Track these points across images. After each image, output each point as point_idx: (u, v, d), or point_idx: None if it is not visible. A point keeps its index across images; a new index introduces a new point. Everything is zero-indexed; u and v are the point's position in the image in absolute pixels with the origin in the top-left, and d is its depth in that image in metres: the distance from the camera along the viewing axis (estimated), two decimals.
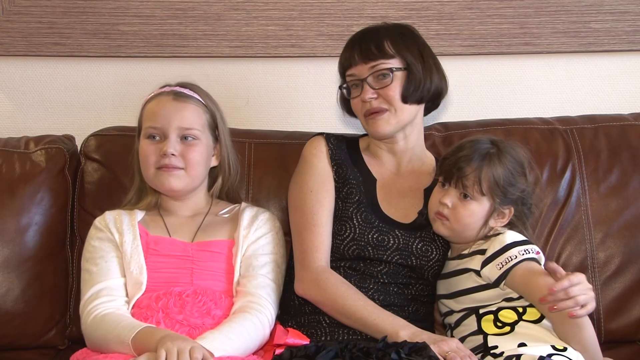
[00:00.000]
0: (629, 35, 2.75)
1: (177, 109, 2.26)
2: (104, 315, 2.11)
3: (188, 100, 2.28)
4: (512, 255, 2.12)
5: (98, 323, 2.10)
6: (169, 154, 2.23)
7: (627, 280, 2.49)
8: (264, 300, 2.18)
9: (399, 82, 2.25)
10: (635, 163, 2.54)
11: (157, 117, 2.25)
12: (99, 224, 2.29)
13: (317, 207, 2.27)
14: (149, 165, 2.26)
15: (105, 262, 2.21)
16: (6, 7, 2.69)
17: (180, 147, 2.24)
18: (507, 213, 2.20)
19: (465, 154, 2.18)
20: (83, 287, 2.21)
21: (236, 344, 2.06)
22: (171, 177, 2.25)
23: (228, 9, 2.71)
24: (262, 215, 2.33)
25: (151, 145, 2.25)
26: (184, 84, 2.33)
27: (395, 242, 2.24)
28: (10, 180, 2.46)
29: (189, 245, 2.26)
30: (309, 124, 2.71)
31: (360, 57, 2.25)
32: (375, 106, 2.25)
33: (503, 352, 2.06)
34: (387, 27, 2.31)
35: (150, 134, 2.26)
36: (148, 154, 2.25)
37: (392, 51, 2.25)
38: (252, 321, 2.12)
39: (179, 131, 2.25)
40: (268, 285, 2.22)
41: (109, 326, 2.08)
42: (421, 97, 2.29)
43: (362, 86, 2.26)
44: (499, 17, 2.73)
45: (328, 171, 2.32)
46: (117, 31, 2.71)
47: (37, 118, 2.76)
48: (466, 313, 2.17)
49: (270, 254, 2.27)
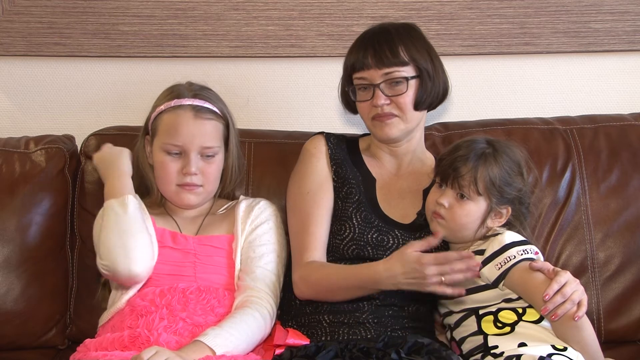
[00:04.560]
0: (629, 35, 2.75)
1: (198, 127, 2.27)
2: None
3: (208, 116, 2.29)
4: (511, 255, 2.12)
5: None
6: (192, 174, 2.25)
7: (627, 280, 2.49)
8: (263, 293, 2.19)
9: (412, 90, 2.24)
10: (635, 163, 2.54)
11: (178, 135, 2.25)
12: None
13: (313, 209, 2.26)
14: (169, 181, 2.28)
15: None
16: (6, 7, 2.69)
17: (200, 164, 2.27)
18: (505, 213, 2.20)
19: (461, 154, 2.18)
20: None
21: (238, 339, 2.07)
22: (191, 195, 2.29)
23: (228, 9, 2.71)
24: (257, 205, 2.34)
25: (172, 162, 2.27)
26: (199, 91, 2.33)
27: (394, 242, 2.24)
28: (10, 180, 2.45)
29: (191, 238, 2.27)
30: (309, 124, 2.71)
31: (375, 62, 2.22)
32: (387, 112, 2.24)
33: (503, 352, 2.06)
34: (397, 28, 2.28)
35: (171, 151, 2.26)
36: (169, 171, 2.27)
37: (406, 58, 2.23)
38: (254, 316, 2.13)
39: (200, 150, 2.27)
40: (267, 276, 2.23)
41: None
42: (431, 103, 2.29)
43: (374, 91, 2.23)
44: (499, 17, 2.73)
45: (327, 171, 2.32)
46: (117, 31, 2.71)
47: (37, 118, 2.76)
48: (466, 314, 2.17)
49: (268, 244, 2.28)
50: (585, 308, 2.04)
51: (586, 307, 2.04)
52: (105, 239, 2.17)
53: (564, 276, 2.04)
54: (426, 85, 2.24)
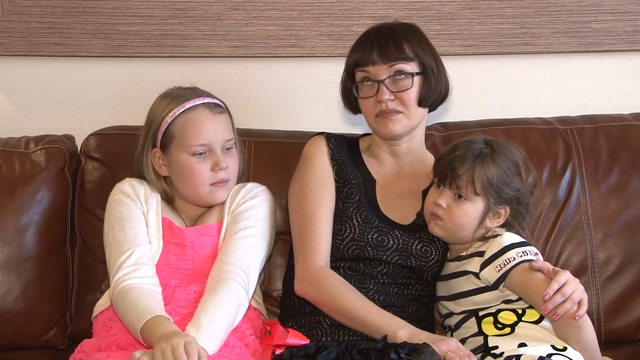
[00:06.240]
0: (629, 35, 2.74)
1: (218, 122, 2.28)
2: (127, 290, 2.12)
3: (219, 110, 2.31)
4: (511, 257, 2.12)
5: (121, 299, 2.12)
6: (224, 168, 2.25)
7: (627, 280, 2.49)
8: (234, 266, 2.16)
9: (417, 87, 2.24)
10: (635, 163, 2.54)
11: (202, 134, 2.25)
12: (127, 189, 2.29)
13: (317, 207, 2.27)
14: (202, 182, 2.27)
15: (134, 228, 2.22)
16: (6, 7, 2.69)
17: (224, 158, 2.27)
18: (503, 213, 2.19)
19: (458, 154, 2.18)
20: (110, 257, 2.21)
21: (218, 325, 2.06)
22: (222, 191, 2.29)
23: (228, 9, 2.71)
24: (245, 188, 2.34)
25: (200, 163, 2.26)
26: (198, 91, 2.33)
27: (394, 242, 2.24)
28: (10, 180, 2.46)
29: (186, 230, 2.28)
30: (309, 124, 2.71)
31: (380, 56, 2.22)
32: (391, 108, 2.23)
33: (503, 353, 2.06)
34: (401, 26, 2.29)
35: (198, 152, 2.25)
36: (202, 172, 2.26)
37: (411, 54, 2.23)
38: (226, 293, 2.11)
39: (222, 144, 2.27)
40: (239, 248, 2.20)
41: (128, 305, 2.09)
42: (434, 101, 2.29)
43: (378, 87, 2.23)
44: (499, 17, 2.73)
45: (328, 171, 2.32)
46: (117, 31, 2.71)
47: (37, 118, 2.76)
48: (466, 315, 2.17)
49: (249, 219, 2.27)
50: (586, 307, 2.04)
51: (587, 306, 2.04)
52: (120, 316, 2.15)
53: (563, 276, 2.04)
54: (430, 82, 2.24)
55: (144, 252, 2.19)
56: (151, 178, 2.31)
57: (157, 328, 2.01)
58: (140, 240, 2.21)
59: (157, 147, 2.30)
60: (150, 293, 2.12)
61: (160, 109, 2.29)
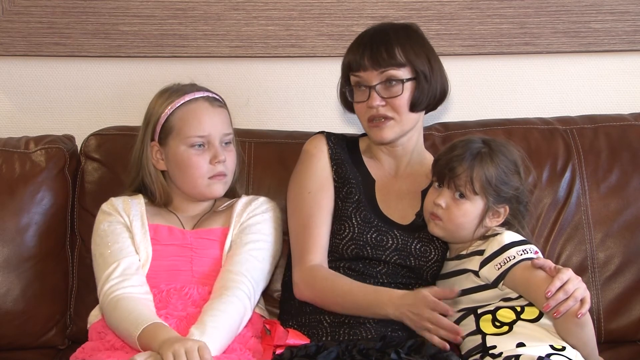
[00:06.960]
0: (629, 35, 2.74)
1: (217, 115, 2.28)
2: (117, 300, 2.11)
3: (219, 104, 2.31)
4: (511, 255, 2.12)
5: (112, 309, 2.11)
6: (222, 161, 2.25)
7: (627, 280, 2.49)
8: (242, 276, 2.17)
9: (408, 92, 2.23)
10: (635, 163, 2.54)
11: (201, 125, 2.25)
12: (107, 208, 2.29)
13: (314, 209, 2.26)
14: (199, 175, 2.26)
15: (118, 242, 2.22)
16: (6, 7, 2.69)
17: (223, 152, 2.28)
18: (502, 212, 2.19)
19: (457, 153, 2.18)
20: (97, 272, 2.21)
21: (223, 331, 2.06)
22: (220, 185, 2.28)
23: (228, 9, 2.71)
24: (256, 201, 2.34)
25: (198, 155, 2.26)
26: (198, 86, 2.33)
27: (394, 242, 2.24)
28: (10, 180, 2.46)
29: (187, 232, 2.27)
30: (309, 124, 2.70)
31: (371, 62, 2.22)
32: (382, 113, 2.23)
33: (502, 353, 2.06)
34: (396, 29, 2.27)
35: (196, 143, 2.25)
36: (200, 165, 2.25)
37: (403, 59, 2.22)
38: (231, 301, 2.12)
39: (221, 137, 2.27)
40: (249, 262, 2.21)
41: (120, 314, 2.09)
42: (428, 105, 2.29)
43: (370, 93, 2.23)
44: (499, 17, 2.73)
45: (327, 171, 2.32)
46: (117, 31, 2.71)
47: (37, 118, 2.76)
48: (465, 313, 2.17)
49: (258, 233, 2.27)
50: (589, 305, 2.03)
51: (589, 304, 2.03)
52: (112, 326, 2.15)
53: (566, 273, 2.04)
54: (422, 88, 2.24)
55: (131, 263, 2.19)
56: (150, 171, 2.31)
57: (158, 334, 2.01)
58: (125, 252, 2.20)
59: (155, 140, 2.30)
60: (142, 301, 2.12)
61: (159, 102, 2.30)
